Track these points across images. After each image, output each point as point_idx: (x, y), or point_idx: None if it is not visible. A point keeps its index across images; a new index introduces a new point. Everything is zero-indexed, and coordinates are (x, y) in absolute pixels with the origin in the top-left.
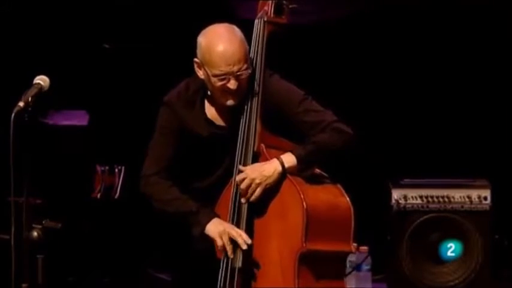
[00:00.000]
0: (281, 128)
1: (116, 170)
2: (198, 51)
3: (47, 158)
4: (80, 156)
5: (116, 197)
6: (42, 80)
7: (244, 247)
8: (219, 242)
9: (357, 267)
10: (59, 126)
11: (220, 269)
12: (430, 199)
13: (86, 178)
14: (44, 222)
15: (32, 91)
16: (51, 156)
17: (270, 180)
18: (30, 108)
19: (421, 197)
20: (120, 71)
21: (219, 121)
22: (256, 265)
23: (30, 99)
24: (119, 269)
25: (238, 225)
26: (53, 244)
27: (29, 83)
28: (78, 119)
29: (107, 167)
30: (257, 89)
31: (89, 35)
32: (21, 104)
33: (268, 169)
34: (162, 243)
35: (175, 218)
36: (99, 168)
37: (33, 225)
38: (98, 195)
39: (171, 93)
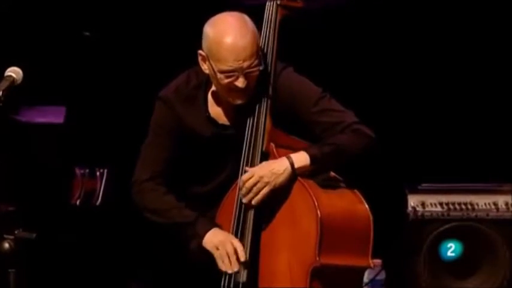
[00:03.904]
0: (293, 126)
1: (97, 173)
2: (204, 43)
3: (20, 159)
4: (57, 158)
5: (98, 203)
6: (14, 72)
7: (242, 259)
8: (216, 254)
9: (369, 283)
10: (33, 123)
11: (222, 285)
12: (451, 206)
13: (63, 182)
14: (16, 232)
15: (3, 84)
16: (24, 157)
17: (279, 180)
18: (0, 104)
19: (441, 203)
20: (102, 62)
21: (224, 120)
22: (263, 280)
23: (0, 93)
24: (100, 283)
25: (243, 235)
26: (27, 256)
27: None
28: (55, 115)
29: (87, 170)
30: (268, 82)
31: (68, 21)
32: None
33: (278, 167)
34: (149, 255)
35: (170, 230)
36: (78, 171)
37: (5, 236)
38: (77, 202)
39: (168, 87)
